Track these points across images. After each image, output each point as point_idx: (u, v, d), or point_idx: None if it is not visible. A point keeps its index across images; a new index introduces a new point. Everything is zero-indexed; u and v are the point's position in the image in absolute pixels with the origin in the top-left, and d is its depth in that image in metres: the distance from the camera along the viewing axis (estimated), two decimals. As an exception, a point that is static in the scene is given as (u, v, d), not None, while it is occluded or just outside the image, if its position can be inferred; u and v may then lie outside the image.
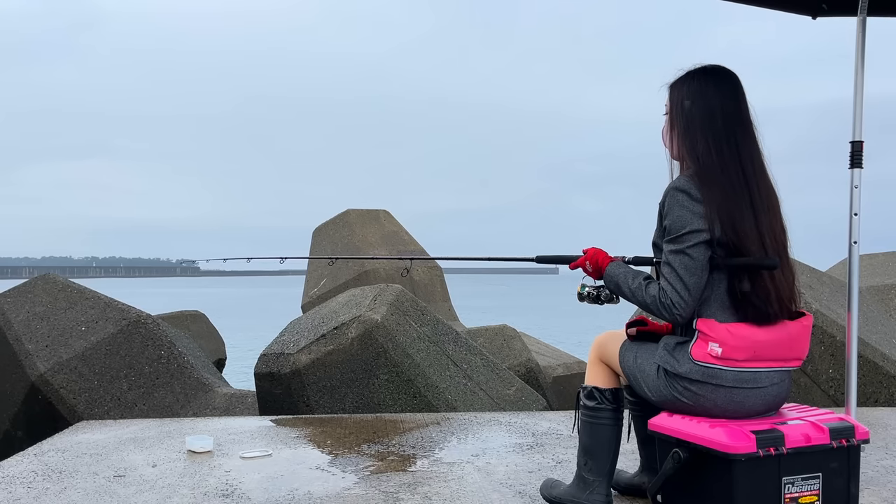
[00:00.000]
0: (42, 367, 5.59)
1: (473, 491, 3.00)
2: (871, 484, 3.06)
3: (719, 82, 2.40)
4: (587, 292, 2.54)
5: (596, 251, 2.53)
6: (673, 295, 2.27)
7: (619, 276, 2.44)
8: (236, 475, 3.27)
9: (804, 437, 2.20)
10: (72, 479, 3.24)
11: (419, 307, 5.47)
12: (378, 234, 11.45)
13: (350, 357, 4.96)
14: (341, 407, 4.93)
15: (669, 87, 2.48)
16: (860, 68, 3.37)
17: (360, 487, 3.06)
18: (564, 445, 3.76)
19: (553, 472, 3.26)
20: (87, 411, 5.53)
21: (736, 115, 2.37)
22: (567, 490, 2.67)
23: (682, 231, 2.28)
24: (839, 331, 4.96)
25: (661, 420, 2.37)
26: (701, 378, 2.27)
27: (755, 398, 2.29)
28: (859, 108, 3.35)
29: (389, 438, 3.94)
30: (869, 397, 5.09)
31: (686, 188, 2.30)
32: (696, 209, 2.27)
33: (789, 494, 2.18)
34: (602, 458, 2.59)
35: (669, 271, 2.29)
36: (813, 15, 3.69)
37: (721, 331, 2.25)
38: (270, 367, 5.11)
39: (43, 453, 3.70)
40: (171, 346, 5.96)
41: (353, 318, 5.06)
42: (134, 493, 3.01)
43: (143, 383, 5.76)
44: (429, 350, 5.21)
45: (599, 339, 2.67)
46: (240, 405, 5.80)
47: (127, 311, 6.05)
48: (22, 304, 6.07)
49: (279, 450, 3.72)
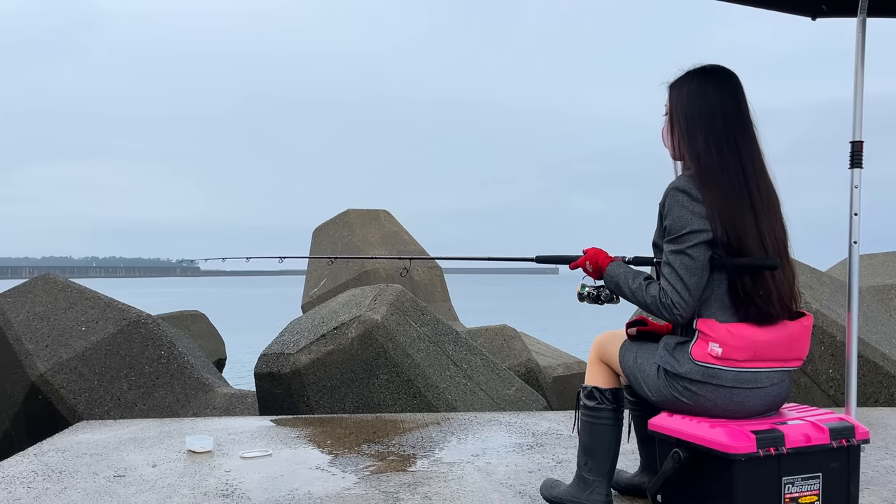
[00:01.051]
0: (42, 367, 5.59)
1: (473, 491, 3.00)
2: (871, 484, 3.06)
3: (719, 82, 2.40)
4: (587, 292, 2.55)
5: (596, 251, 2.53)
6: (673, 295, 2.27)
7: (620, 276, 2.44)
8: (236, 475, 3.27)
9: (804, 437, 2.20)
10: (72, 479, 3.24)
11: (419, 307, 5.47)
12: (378, 234, 11.45)
13: (350, 357, 4.96)
14: (341, 407, 4.93)
15: (669, 86, 2.47)
16: (860, 69, 3.38)
17: (360, 487, 3.06)
18: (564, 445, 3.77)
19: (553, 472, 3.26)
20: (87, 411, 5.53)
21: (736, 115, 2.37)
22: (567, 490, 2.67)
23: (682, 231, 2.28)
24: (839, 331, 4.96)
25: (661, 420, 2.37)
26: (701, 378, 2.27)
27: (755, 398, 2.29)
28: (859, 108, 3.35)
29: (389, 438, 3.94)
30: (869, 397, 5.09)
31: (686, 188, 2.30)
32: (697, 209, 2.27)
33: (789, 494, 2.18)
34: (602, 458, 2.59)
35: (670, 271, 2.29)
36: (812, 16, 3.69)
37: (721, 331, 2.25)
38: (270, 367, 5.11)
39: (43, 453, 3.71)
40: (171, 346, 5.96)
41: (353, 318, 5.06)
42: (134, 493, 3.01)
43: (143, 383, 5.76)
44: (429, 350, 5.21)
45: (599, 339, 2.67)
46: (240, 405, 5.80)
47: (127, 311, 6.05)
48: (22, 304, 6.07)
49: (279, 450, 3.72)
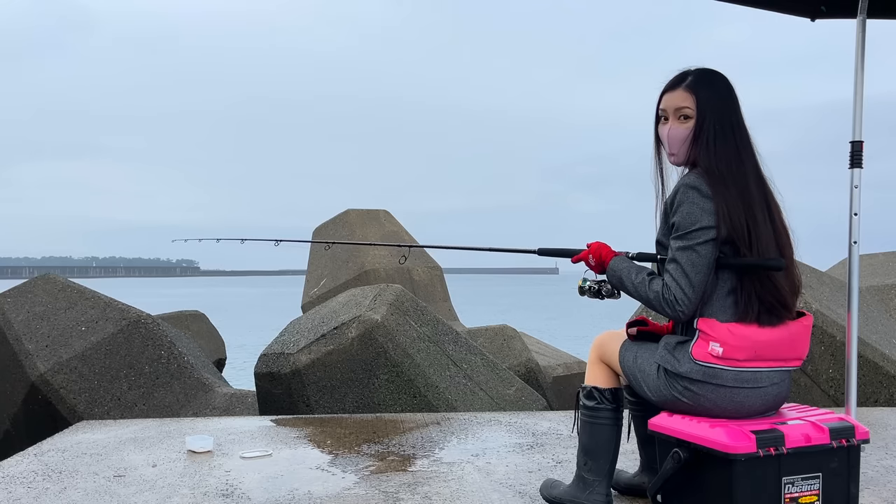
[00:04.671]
0: (42, 367, 5.59)
1: (473, 491, 3.00)
2: (871, 484, 3.06)
3: (730, 85, 2.43)
4: (588, 286, 2.55)
5: (600, 245, 2.53)
6: (677, 291, 2.27)
7: (623, 271, 2.44)
8: (236, 475, 3.27)
9: (804, 437, 2.20)
10: (72, 479, 3.24)
11: (419, 307, 5.47)
12: (378, 234, 11.44)
13: (350, 357, 4.96)
14: (341, 407, 4.93)
15: (695, 92, 2.39)
16: (860, 69, 3.38)
17: (360, 487, 3.06)
18: (564, 445, 3.76)
19: (553, 472, 3.26)
20: (87, 411, 5.53)
21: (742, 118, 2.40)
22: (567, 490, 2.67)
23: (691, 228, 2.28)
24: (839, 331, 4.96)
25: (661, 420, 2.38)
26: (701, 378, 2.27)
27: (755, 398, 2.29)
28: (859, 109, 3.36)
29: (389, 438, 3.94)
30: (869, 397, 5.09)
31: (697, 185, 2.30)
32: (707, 206, 2.27)
33: (789, 494, 2.18)
34: (602, 458, 2.59)
35: (675, 267, 2.28)
36: (812, 17, 3.69)
37: (722, 330, 2.25)
38: (270, 367, 5.11)
39: (43, 453, 3.70)
40: (171, 346, 5.96)
41: (353, 318, 5.06)
42: (134, 493, 3.01)
43: (143, 383, 5.76)
44: (429, 350, 5.21)
45: (599, 339, 2.67)
46: (240, 405, 5.80)
47: (127, 311, 6.05)
48: (22, 304, 6.07)
49: (279, 450, 3.72)
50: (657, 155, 2.54)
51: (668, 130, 2.43)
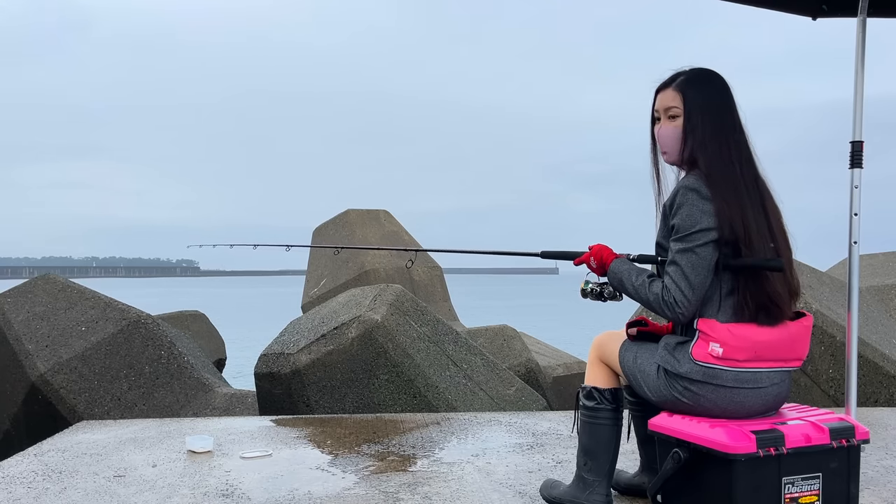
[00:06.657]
0: (42, 367, 5.59)
1: (473, 491, 3.00)
2: (871, 484, 3.06)
3: (725, 86, 2.42)
4: (590, 288, 2.55)
5: (601, 247, 2.53)
6: (676, 293, 2.27)
7: (623, 273, 2.44)
8: (236, 475, 3.27)
9: (804, 437, 2.20)
10: (72, 479, 3.24)
11: (419, 307, 5.47)
12: (378, 234, 11.44)
13: (350, 357, 4.96)
14: (341, 407, 4.93)
15: (683, 91, 2.40)
16: (860, 69, 3.37)
17: (360, 487, 3.06)
18: (564, 445, 3.76)
19: (553, 472, 3.26)
20: (87, 411, 5.53)
21: (738, 118, 2.40)
22: (567, 490, 2.67)
23: (691, 229, 2.28)
24: (839, 331, 4.96)
25: (661, 420, 2.38)
26: (701, 378, 2.27)
27: (755, 398, 2.29)
28: (859, 108, 3.35)
29: (389, 438, 3.94)
30: (869, 397, 5.09)
31: (697, 187, 2.30)
32: (707, 208, 2.28)
33: (789, 494, 2.18)
34: (602, 458, 2.59)
35: (675, 269, 2.29)
36: (813, 16, 3.69)
37: (722, 331, 2.25)
38: (270, 368, 5.11)
39: (43, 453, 3.70)
40: (171, 346, 5.96)
41: (353, 318, 5.06)
42: (134, 493, 3.01)
43: (143, 383, 5.76)
44: (429, 350, 5.21)
45: (599, 339, 2.67)
46: (240, 405, 5.80)
47: (127, 311, 6.05)
48: (22, 304, 6.07)
49: (279, 450, 3.72)
50: (654, 156, 2.55)
51: (660, 130, 2.46)
